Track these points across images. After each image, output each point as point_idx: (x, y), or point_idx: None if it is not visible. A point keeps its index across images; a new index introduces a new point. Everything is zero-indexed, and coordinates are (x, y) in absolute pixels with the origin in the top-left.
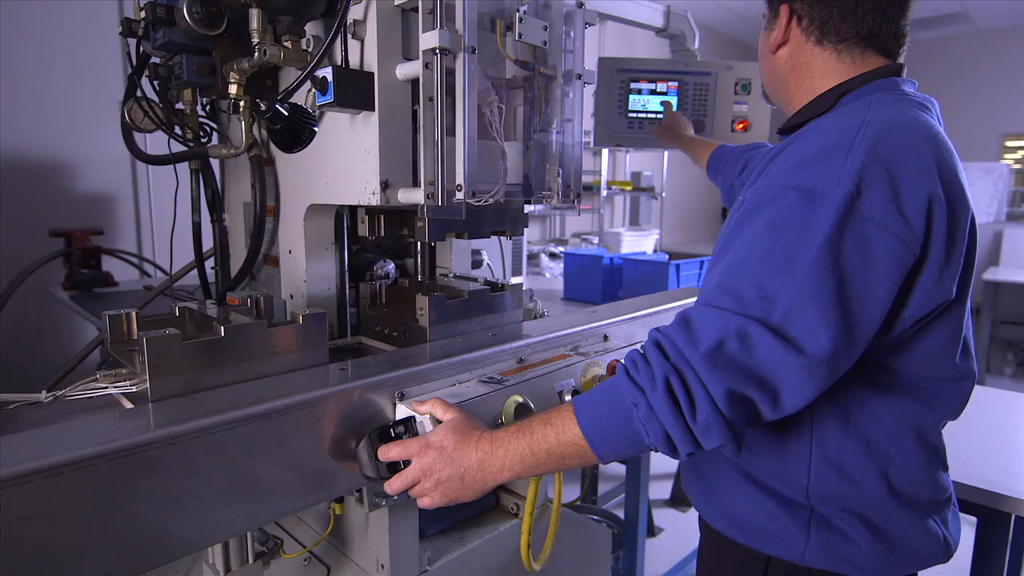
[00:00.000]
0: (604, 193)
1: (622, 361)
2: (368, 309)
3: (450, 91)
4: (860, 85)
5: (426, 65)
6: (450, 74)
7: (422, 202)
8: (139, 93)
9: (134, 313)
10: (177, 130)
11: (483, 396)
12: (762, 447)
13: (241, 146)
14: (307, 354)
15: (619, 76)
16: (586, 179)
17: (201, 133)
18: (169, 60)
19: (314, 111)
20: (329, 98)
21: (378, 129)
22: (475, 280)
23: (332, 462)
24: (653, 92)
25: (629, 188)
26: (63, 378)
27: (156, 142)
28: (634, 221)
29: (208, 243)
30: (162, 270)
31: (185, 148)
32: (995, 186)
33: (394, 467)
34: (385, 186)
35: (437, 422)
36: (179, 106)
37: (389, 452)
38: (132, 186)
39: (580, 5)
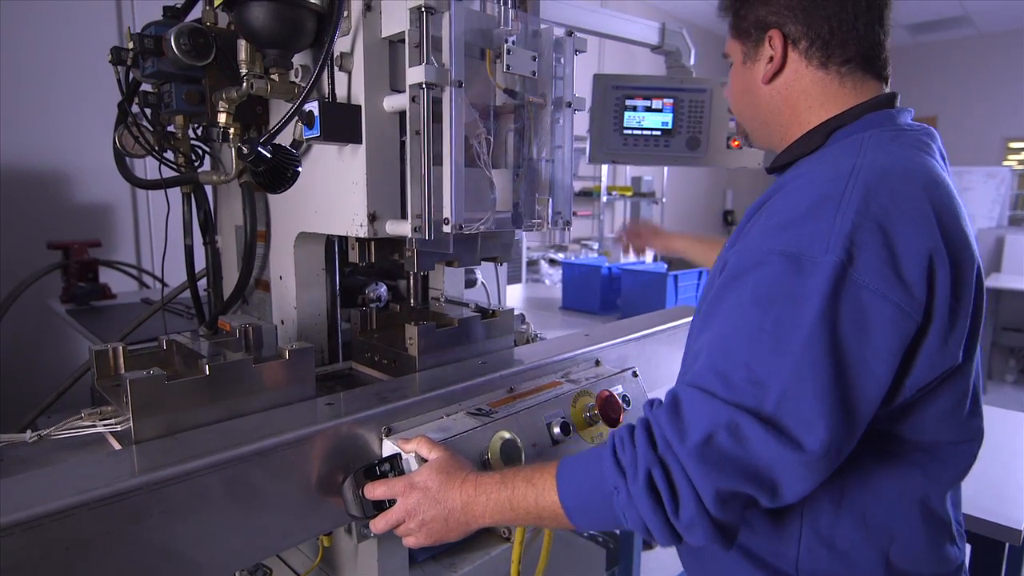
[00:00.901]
0: (604, 199)
1: (613, 431)
2: (359, 335)
3: (438, 118)
4: (853, 119)
5: (413, 99)
6: (438, 103)
7: (409, 235)
8: (129, 119)
9: (120, 348)
10: (169, 154)
11: (470, 431)
12: (754, 519)
13: (232, 172)
14: (293, 389)
15: (614, 93)
16: (586, 185)
17: (193, 156)
18: (159, 88)
19: (302, 143)
20: (315, 132)
21: (365, 161)
22: (466, 306)
23: (319, 499)
24: (648, 109)
25: (629, 193)
26: (47, 408)
27: (153, 162)
28: None
29: (201, 263)
30: (161, 281)
31: (177, 172)
32: (997, 191)
33: (380, 504)
34: (373, 218)
35: (423, 460)
36: (171, 128)
37: (374, 491)
38: (131, 197)
39: (570, 33)
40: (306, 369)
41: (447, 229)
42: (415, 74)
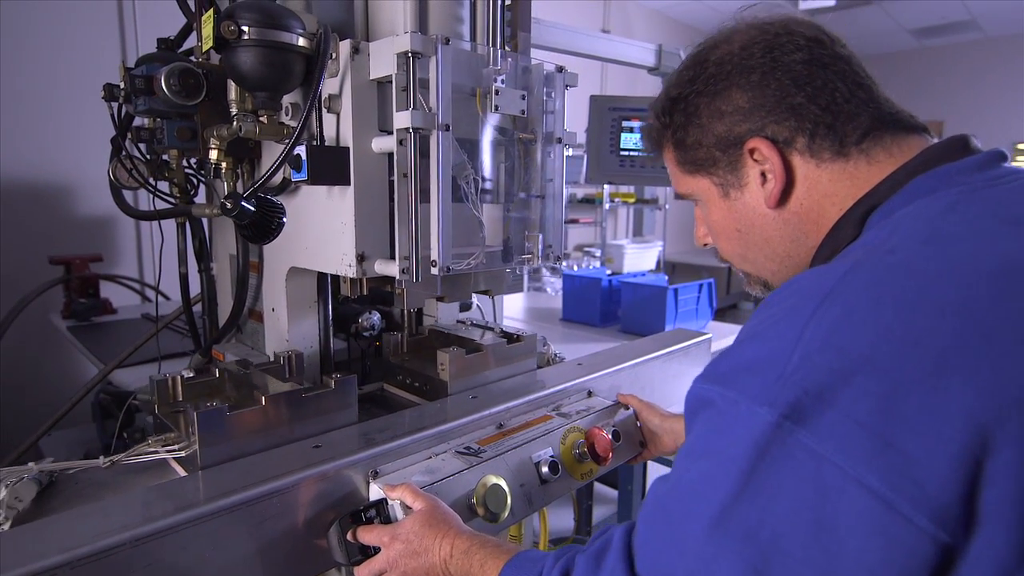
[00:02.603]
0: (607, 206)
1: (552, 554)
2: (391, 357)
3: (426, 154)
4: (890, 192)
5: (400, 142)
6: (426, 139)
7: (398, 276)
8: (123, 154)
9: (179, 378)
10: (164, 184)
11: (457, 474)
12: None
13: None
14: (339, 415)
15: (610, 115)
16: (588, 192)
17: (188, 186)
18: (153, 122)
19: (291, 184)
20: (303, 176)
21: (354, 203)
22: (491, 330)
23: (305, 544)
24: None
25: (632, 200)
26: (51, 427)
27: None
28: (637, 232)
29: (197, 288)
30: (163, 295)
31: (171, 204)
32: None
33: (365, 549)
34: (361, 259)
35: (408, 508)
36: (166, 157)
37: (359, 538)
38: (133, 198)
39: (560, 69)
40: (350, 396)
41: (435, 271)
42: (402, 119)
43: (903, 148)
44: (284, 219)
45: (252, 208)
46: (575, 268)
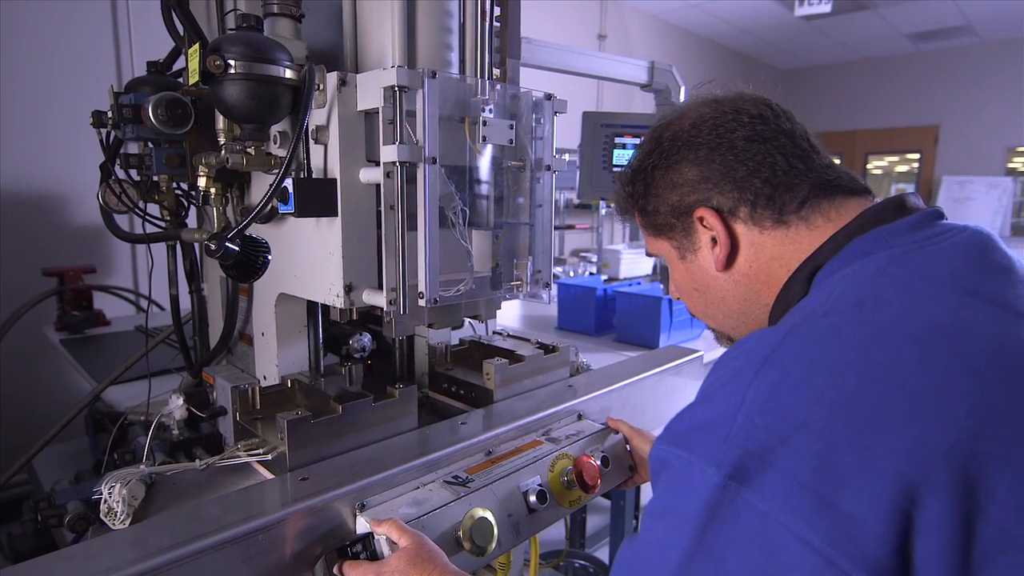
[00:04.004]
0: (603, 211)
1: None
2: (436, 367)
3: (413, 179)
4: (833, 252)
5: (387, 174)
6: (413, 169)
7: (385, 307)
8: (112, 180)
9: (257, 388)
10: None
11: (444, 507)
12: None
13: (214, 230)
14: (402, 421)
15: (603, 131)
16: (585, 199)
17: (179, 207)
18: (143, 146)
19: (278, 214)
20: (290, 208)
21: (341, 234)
22: (528, 341)
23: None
24: (637, 147)
25: None
26: (46, 444)
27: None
28: (634, 236)
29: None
30: (157, 305)
31: (160, 228)
32: (999, 200)
33: None
34: (349, 289)
35: (394, 544)
36: (156, 178)
37: (345, 574)
38: (128, 218)
39: (549, 97)
40: (411, 405)
41: (422, 303)
42: (389, 152)
43: (841, 212)
44: (269, 256)
45: (236, 248)
46: (571, 274)
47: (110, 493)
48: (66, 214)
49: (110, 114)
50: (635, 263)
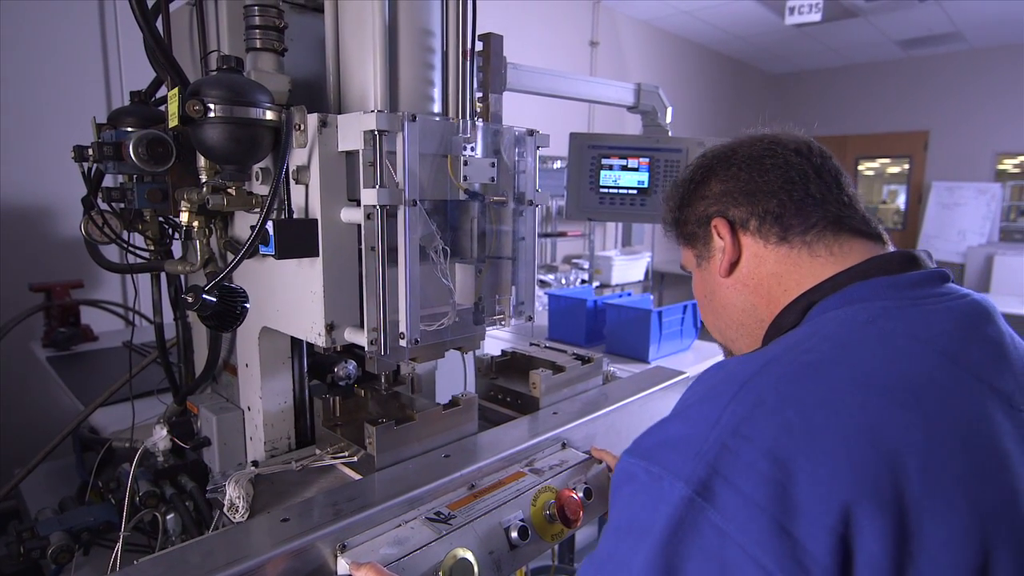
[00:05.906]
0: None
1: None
2: (482, 377)
3: (394, 215)
4: (832, 291)
5: (368, 216)
6: (394, 209)
7: (366, 347)
8: (94, 211)
9: (337, 399)
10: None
11: (425, 547)
12: None
13: (197, 263)
14: (465, 427)
15: (590, 152)
16: (572, 219)
17: (163, 236)
18: (127, 179)
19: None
20: (271, 250)
21: (322, 274)
22: (564, 352)
23: None
24: (624, 168)
25: None
26: (34, 468)
27: None
28: (626, 242)
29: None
30: (146, 319)
31: (144, 259)
32: (988, 207)
33: None
34: (331, 328)
35: None
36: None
37: None
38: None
39: (531, 133)
40: (472, 411)
41: (403, 343)
42: (369, 196)
43: (844, 249)
44: (247, 305)
45: (213, 300)
46: (563, 282)
47: (234, 490)
48: (54, 228)
49: (91, 151)
50: (627, 269)
